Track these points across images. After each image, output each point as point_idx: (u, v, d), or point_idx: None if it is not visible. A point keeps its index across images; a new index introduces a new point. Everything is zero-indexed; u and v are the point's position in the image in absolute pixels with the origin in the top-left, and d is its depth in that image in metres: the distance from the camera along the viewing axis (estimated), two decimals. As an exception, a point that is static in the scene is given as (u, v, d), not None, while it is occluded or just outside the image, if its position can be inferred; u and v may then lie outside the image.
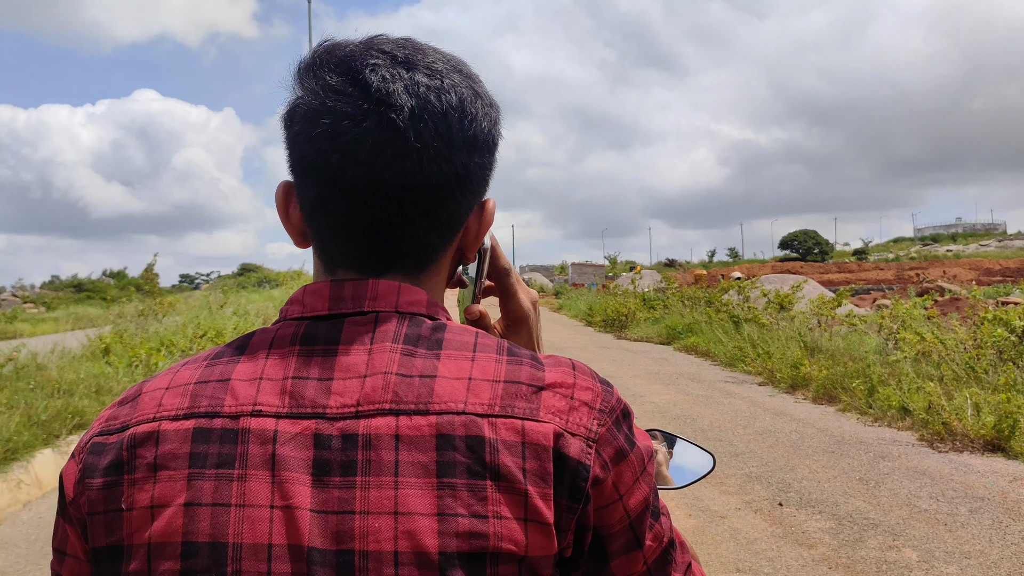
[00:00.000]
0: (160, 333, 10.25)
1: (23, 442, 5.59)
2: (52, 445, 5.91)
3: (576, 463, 0.70)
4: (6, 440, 5.44)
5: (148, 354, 8.77)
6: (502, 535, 0.67)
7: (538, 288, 50.97)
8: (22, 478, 5.34)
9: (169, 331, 10.45)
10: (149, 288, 12.06)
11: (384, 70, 0.76)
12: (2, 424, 5.59)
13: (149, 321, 11.10)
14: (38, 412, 6.04)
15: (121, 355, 8.76)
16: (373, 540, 0.67)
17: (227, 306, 14.15)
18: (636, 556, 0.76)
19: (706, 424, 8.10)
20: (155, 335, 10.15)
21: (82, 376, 7.24)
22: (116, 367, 8.18)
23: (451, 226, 0.81)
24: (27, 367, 7.51)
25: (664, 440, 1.34)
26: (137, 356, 8.66)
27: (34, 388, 6.73)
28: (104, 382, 7.26)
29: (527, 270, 73.75)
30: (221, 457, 0.70)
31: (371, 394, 0.71)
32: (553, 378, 0.74)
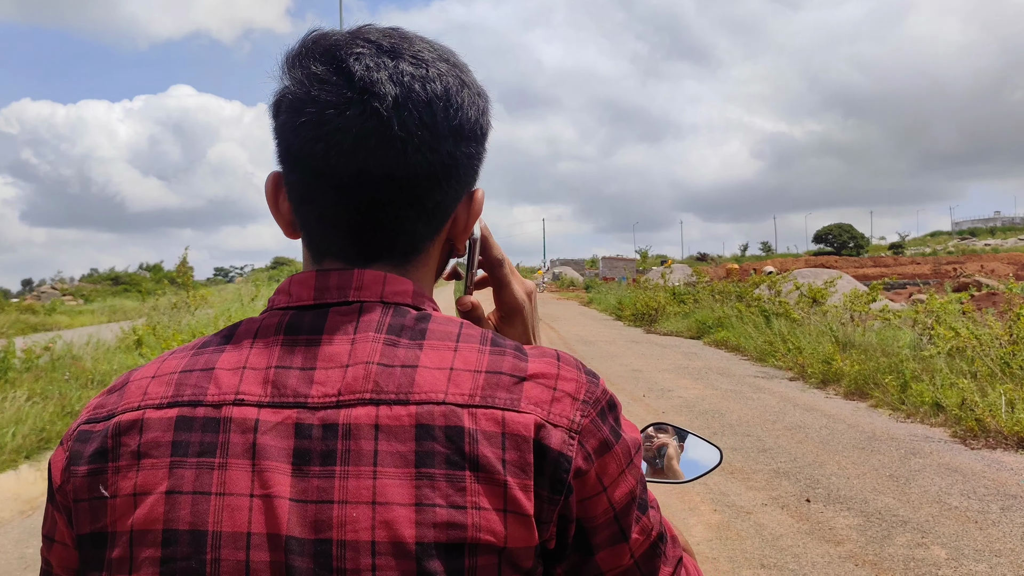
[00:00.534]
0: (192, 325, 10.38)
1: (56, 431, 5.70)
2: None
3: (557, 454, 0.70)
4: (40, 429, 5.54)
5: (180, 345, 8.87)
6: (480, 526, 0.67)
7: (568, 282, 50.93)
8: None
9: (201, 323, 10.58)
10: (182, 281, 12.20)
11: (368, 59, 0.76)
12: (36, 413, 5.69)
13: (182, 313, 11.24)
14: (71, 402, 6.15)
15: (154, 347, 8.89)
16: (351, 530, 0.67)
17: (258, 299, 14.31)
18: (622, 549, 0.75)
19: (734, 419, 8.04)
20: (187, 327, 10.28)
21: (115, 367, 7.37)
22: (149, 359, 8.31)
23: (438, 216, 0.81)
24: (62, 358, 7.65)
25: (675, 434, 1.34)
26: (169, 347, 8.76)
27: (68, 379, 6.85)
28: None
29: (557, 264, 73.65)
30: (203, 446, 0.70)
31: (352, 384, 0.71)
32: (536, 369, 0.74)
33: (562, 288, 48.12)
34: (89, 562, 0.71)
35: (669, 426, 1.33)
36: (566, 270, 63.58)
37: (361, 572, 0.66)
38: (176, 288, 12.80)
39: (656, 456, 1.36)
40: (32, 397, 6.03)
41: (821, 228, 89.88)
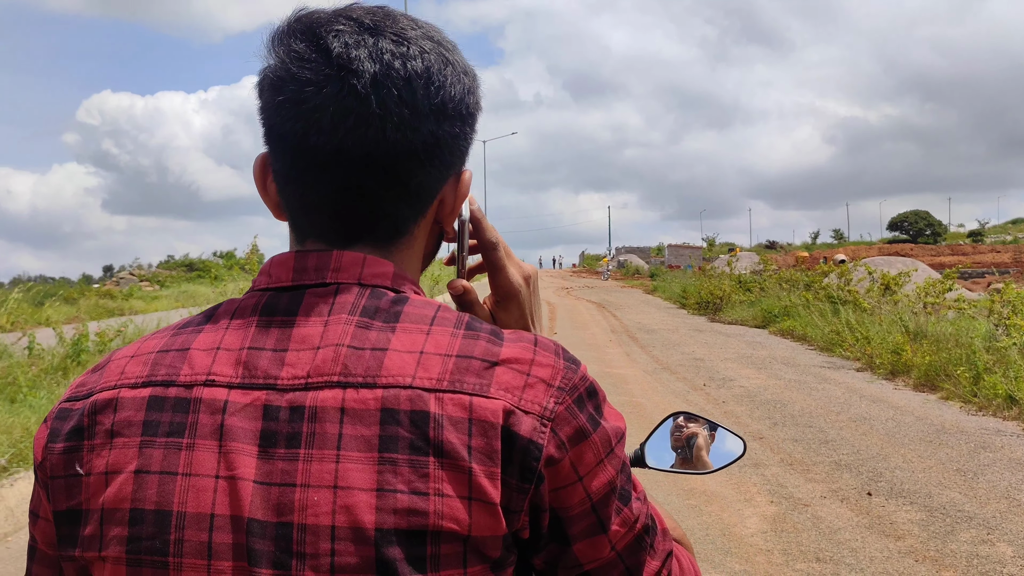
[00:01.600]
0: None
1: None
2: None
3: (527, 442, 0.68)
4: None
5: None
6: (443, 513, 0.66)
7: (633, 270, 50.52)
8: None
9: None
10: (250, 267, 12.48)
11: (347, 36, 0.75)
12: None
13: (249, 299, 11.50)
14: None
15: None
16: (311, 514, 0.66)
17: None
18: (600, 541, 0.73)
19: (797, 410, 7.89)
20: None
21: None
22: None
23: (421, 197, 0.80)
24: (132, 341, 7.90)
25: (706, 424, 1.31)
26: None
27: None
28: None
29: (623, 252, 73.10)
30: (172, 426, 0.70)
31: (321, 366, 0.70)
32: (510, 353, 0.72)
33: (627, 276, 47.75)
34: (64, 538, 0.72)
35: (695, 415, 1.30)
36: (631, 258, 63.07)
37: (320, 557, 0.65)
38: (245, 274, 13.09)
39: (685, 446, 1.34)
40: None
41: (896, 215, 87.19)
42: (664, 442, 1.32)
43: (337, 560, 0.65)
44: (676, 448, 1.33)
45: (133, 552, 0.68)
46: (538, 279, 0.95)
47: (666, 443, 1.31)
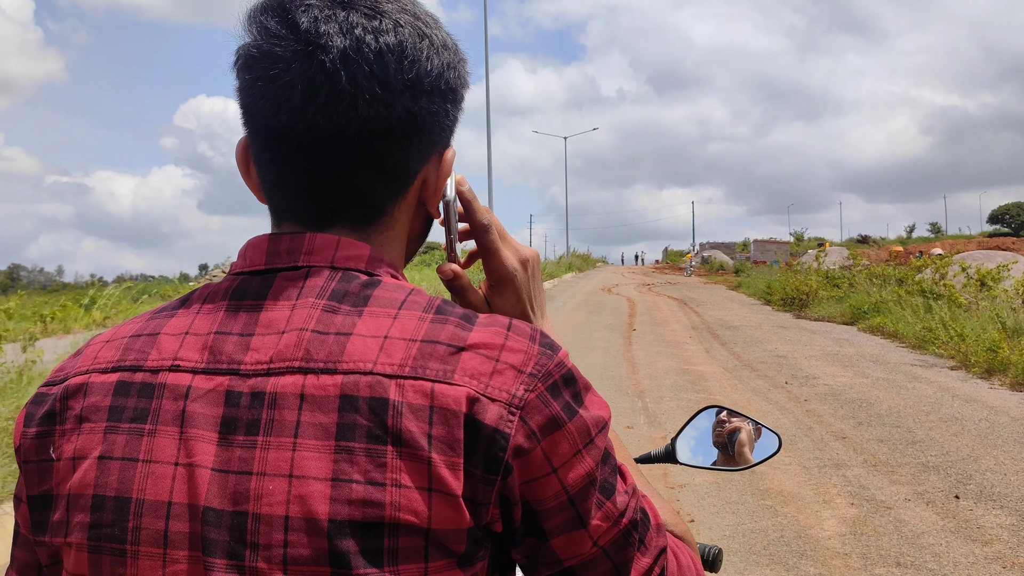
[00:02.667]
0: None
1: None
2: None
3: (492, 431, 0.65)
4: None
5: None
6: (400, 505, 0.63)
7: (717, 266, 49.61)
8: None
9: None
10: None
11: (317, 10, 0.73)
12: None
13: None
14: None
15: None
16: (266, 503, 0.64)
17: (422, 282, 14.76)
18: (580, 536, 0.70)
19: (883, 409, 7.60)
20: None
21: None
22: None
23: (399, 177, 0.77)
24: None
25: (745, 419, 1.26)
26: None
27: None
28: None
29: (707, 247, 71.91)
30: (136, 411, 0.69)
31: (284, 351, 0.68)
32: (478, 338, 0.69)
33: (711, 272, 46.94)
34: (36, 524, 0.72)
35: (730, 410, 1.25)
36: (716, 254, 61.97)
37: (272, 548, 0.63)
38: None
39: (727, 442, 1.28)
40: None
41: (997, 208, 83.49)
42: (699, 437, 1.26)
43: (290, 552, 0.63)
44: (718, 444, 1.28)
45: (94, 539, 0.67)
46: (539, 263, 0.91)
47: (701, 438, 1.26)
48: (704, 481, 5.35)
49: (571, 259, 52.32)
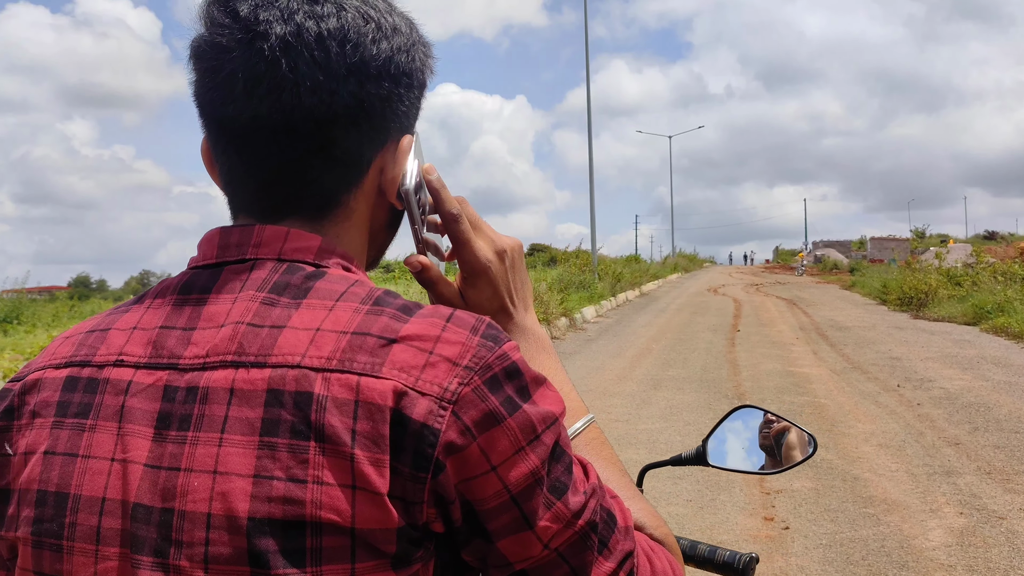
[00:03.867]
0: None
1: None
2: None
3: (421, 426, 0.62)
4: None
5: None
6: (321, 503, 0.61)
7: (831, 265, 47.93)
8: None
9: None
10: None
11: None
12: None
13: (425, 301, 11.92)
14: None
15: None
16: (191, 500, 0.63)
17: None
18: (527, 538, 0.66)
19: (1003, 414, 7.15)
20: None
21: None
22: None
23: (350, 165, 0.75)
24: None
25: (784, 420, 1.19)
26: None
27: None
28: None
29: (820, 246, 69.54)
30: (80, 406, 0.69)
31: (219, 345, 0.67)
32: (412, 330, 0.66)
33: (824, 271, 45.35)
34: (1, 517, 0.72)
35: (761, 410, 1.18)
36: (830, 252, 59.86)
37: (195, 546, 0.62)
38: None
39: (774, 444, 1.22)
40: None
41: None
42: (731, 439, 1.20)
43: (211, 550, 0.62)
44: (764, 446, 1.22)
45: (36, 534, 0.67)
46: (522, 254, 0.88)
47: (733, 440, 1.20)
48: (802, 487, 5.16)
49: (676, 259, 51.51)
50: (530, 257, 48.27)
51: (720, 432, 1.19)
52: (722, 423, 1.19)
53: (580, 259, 24.07)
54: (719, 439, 1.19)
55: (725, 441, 1.19)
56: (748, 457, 1.18)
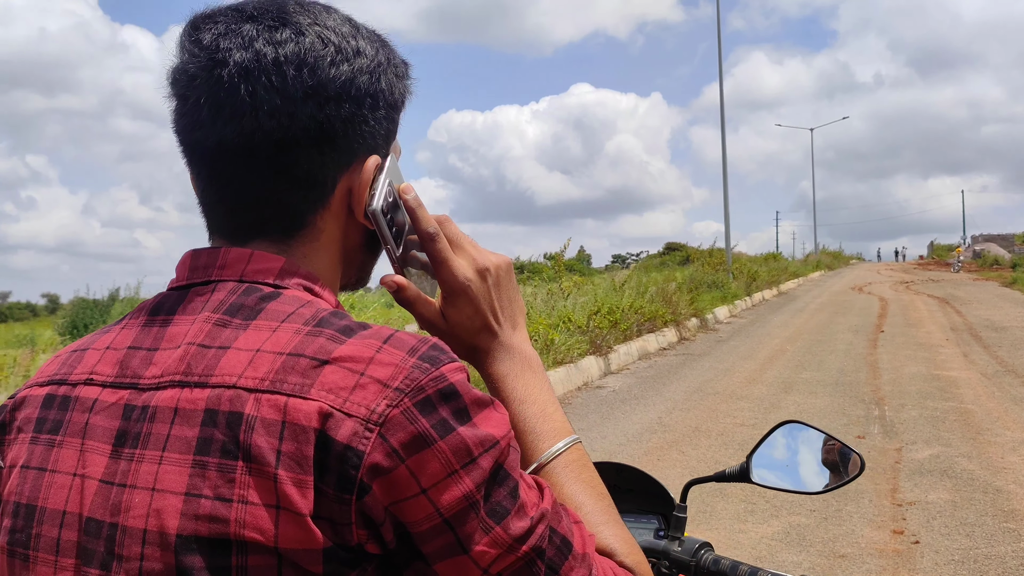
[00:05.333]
0: (561, 311, 10.99)
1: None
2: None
3: (344, 448, 0.62)
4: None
5: (546, 330, 9.46)
6: (244, 522, 0.62)
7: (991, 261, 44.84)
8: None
9: (569, 309, 11.16)
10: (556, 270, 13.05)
11: (222, 26, 0.74)
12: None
13: (556, 299, 11.96)
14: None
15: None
16: (132, 515, 0.65)
17: (626, 285, 14.69)
18: (463, 562, 0.65)
19: None
20: (558, 312, 10.92)
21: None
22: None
23: (314, 186, 0.76)
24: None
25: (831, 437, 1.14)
26: (536, 332, 9.38)
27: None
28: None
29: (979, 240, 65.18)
30: (53, 423, 0.73)
31: (171, 365, 0.69)
32: (347, 352, 0.66)
33: (983, 267, 42.49)
34: None
35: (807, 425, 1.13)
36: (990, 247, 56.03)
37: (131, 560, 0.65)
38: (572, 274, 13.73)
39: (838, 460, 1.17)
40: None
41: None
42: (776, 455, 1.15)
43: (144, 565, 0.64)
44: (828, 462, 1.16)
45: (10, 544, 0.71)
46: (509, 272, 0.87)
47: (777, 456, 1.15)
48: (938, 498, 4.86)
49: (819, 256, 49.52)
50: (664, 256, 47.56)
51: (765, 448, 1.15)
52: (766, 439, 1.15)
53: (713, 258, 23.51)
54: (763, 455, 1.15)
55: (768, 458, 1.14)
56: (791, 474, 1.13)
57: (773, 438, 1.14)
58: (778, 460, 1.14)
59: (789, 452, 1.14)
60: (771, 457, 1.14)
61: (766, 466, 1.14)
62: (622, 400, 8.30)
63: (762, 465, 1.14)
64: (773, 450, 1.14)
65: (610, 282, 15.11)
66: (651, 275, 18.29)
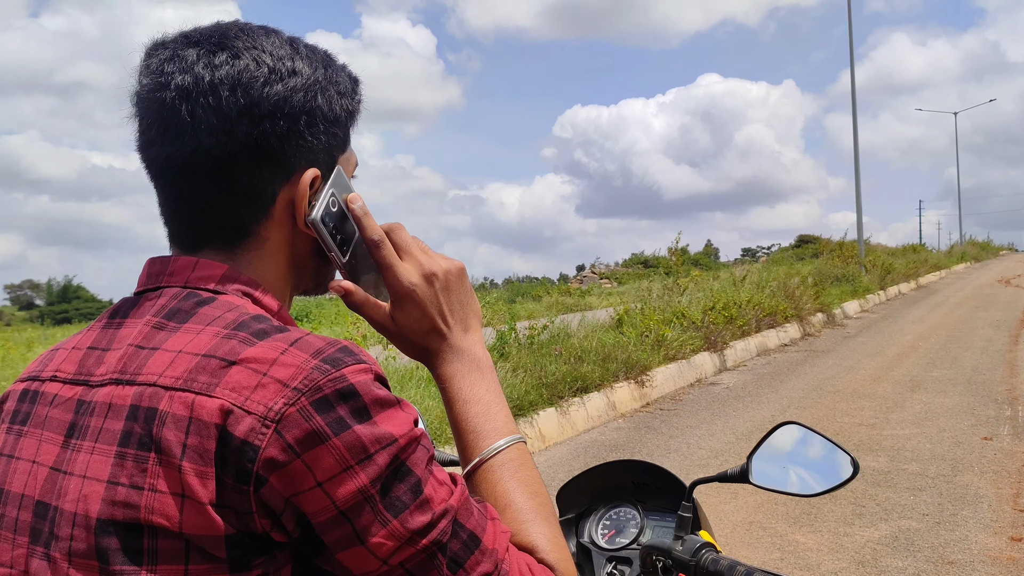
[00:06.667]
0: (676, 306, 10.85)
1: (529, 400, 6.47)
2: (556, 405, 6.72)
3: (241, 443, 0.68)
4: (517, 399, 6.35)
5: (657, 325, 9.37)
6: (153, 508, 0.68)
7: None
8: (527, 432, 6.18)
9: (684, 305, 11.00)
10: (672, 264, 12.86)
11: (169, 51, 0.81)
12: (516, 383, 6.54)
13: (673, 295, 11.82)
14: (548, 375, 6.92)
15: (635, 326, 9.51)
16: (68, 500, 0.72)
17: (747, 279, 14.30)
18: (361, 552, 0.70)
19: None
20: (672, 308, 10.79)
21: (594, 344, 8.06)
22: (629, 336, 8.92)
23: (254, 198, 0.81)
24: (557, 336, 8.60)
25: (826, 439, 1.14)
26: (648, 327, 9.31)
27: (560, 354, 7.69)
28: (611, 351, 7.97)
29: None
30: (24, 415, 0.81)
31: (113, 365, 0.76)
32: (253, 353, 0.71)
33: None
34: None
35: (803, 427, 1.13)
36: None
37: (63, 540, 0.71)
38: (697, 268, 13.51)
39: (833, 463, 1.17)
40: (516, 369, 6.93)
41: None
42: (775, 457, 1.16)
43: (72, 545, 0.71)
44: (823, 466, 1.16)
45: None
46: (460, 276, 0.91)
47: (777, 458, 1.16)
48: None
49: (965, 247, 46.68)
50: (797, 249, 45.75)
51: (764, 450, 1.15)
52: (765, 440, 1.15)
53: (844, 250, 22.53)
54: (763, 457, 1.15)
55: (768, 459, 1.15)
56: (788, 476, 1.13)
57: (773, 439, 1.15)
58: (777, 461, 1.14)
59: (787, 454, 1.13)
60: (770, 458, 1.14)
61: (765, 467, 1.14)
62: (735, 397, 8.14)
63: (761, 466, 1.15)
64: (772, 451, 1.14)
65: (730, 276, 14.79)
66: (772, 270, 17.71)
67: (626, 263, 49.65)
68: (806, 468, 1.11)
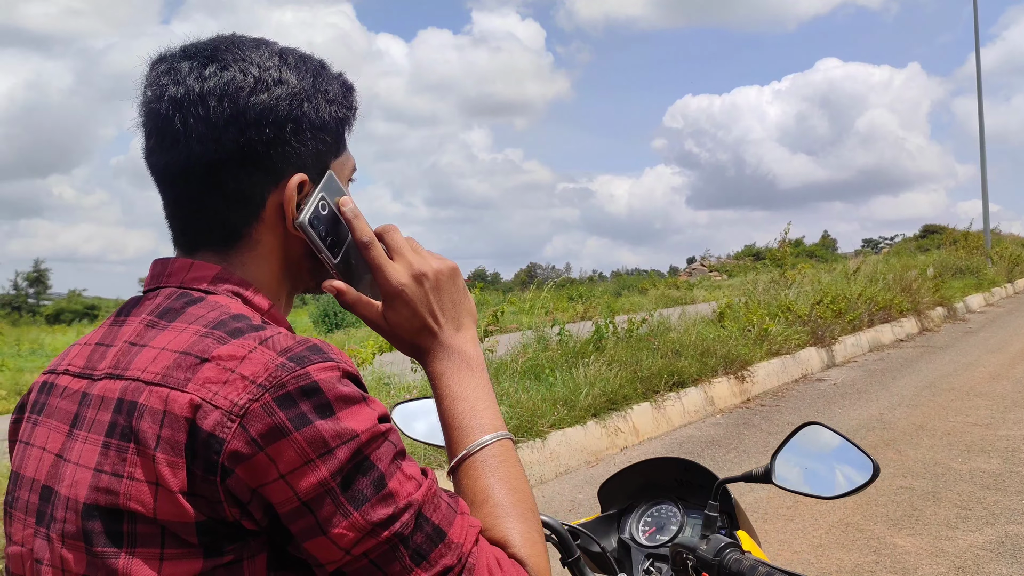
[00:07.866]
0: (782, 300, 10.54)
1: (623, 395, 6.43)
2: (650, 399, 6.65)
3: (208, 435, 0.72)
4: (609, 392, 6.32)
5: (760, 319, 9.14)
6: (131, 495, 0.73)
7: None
8: (619, 426, 6.16)
9: (790, 298, 10.67)
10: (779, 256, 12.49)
11: (167, 64, 0.86)
12: (609, 377, 6.51)
13: (780, 288, 11.49)
14: (643, 369, 6.86)
15: (737, 320, 9.31)
16: (64, 484, 0.78)
17: (860, 272, 13.74)
18: (324, 542, 0.73)
19: None
20: (777, 301, 10.50)
21: (693, 338, 7.93)
22: (730, 330, 8.75)
23: (244, 202, 0.85)
24: (656, 329, 8.51)
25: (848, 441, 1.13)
26: (751, 321, 9.09)
27: (657, 348, 7.61)
28: (711, 344, 7.82)
29: None
30: (41, 405, 0.87)
31: (110, 360, 0.82)
32: (225, 351, 0.75)
33: None
34: None
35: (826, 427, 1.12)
36: None
37: (58, 522, 0.78)
38: (813, 260, 13.10)
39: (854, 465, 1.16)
40: (611, 363, 6.89)
41: None
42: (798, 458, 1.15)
43: (65, 527, 0.77)
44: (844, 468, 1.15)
45: (6, 504, 0.87)
46: (452, 276, 0.94)
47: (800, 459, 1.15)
48: None
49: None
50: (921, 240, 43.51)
51: (788, 450, 1.14)
52: (789, 440, 1.14)
53: (968, 241, 21.34)
54: (786, 457, 1.14)
55: (791, 459, 1.14)
56: (810, 477, 1.12)
57: (796, 439, 1.14)
58: (799, 462, 1.13)
59: (810, 455, 1.12)
60: (793, 459, 1.14)
61: (788, 468, 1.14)
62: (842, 394, 7.88)
63: (785, 466, 1.14)
64: (796, 452, 1.13)
65: (843, 269, 14.25)
66: (889, 261, 16.97)
67: (737, 255, 48.46)
68: (828, 470, 1.10)
